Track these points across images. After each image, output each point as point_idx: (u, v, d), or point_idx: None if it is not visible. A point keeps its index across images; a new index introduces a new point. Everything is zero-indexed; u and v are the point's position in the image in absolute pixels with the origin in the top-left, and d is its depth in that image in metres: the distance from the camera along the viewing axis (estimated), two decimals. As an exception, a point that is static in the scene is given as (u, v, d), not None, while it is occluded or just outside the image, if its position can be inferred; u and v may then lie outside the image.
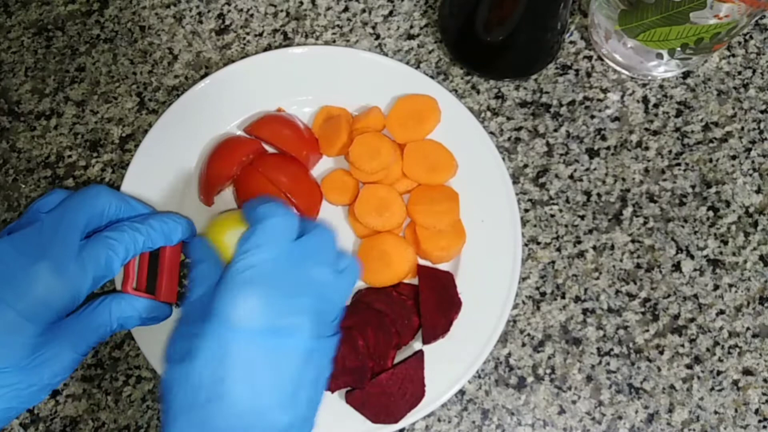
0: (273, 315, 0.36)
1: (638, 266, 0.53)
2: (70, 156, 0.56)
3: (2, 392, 0.38)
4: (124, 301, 0.44)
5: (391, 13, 0.60)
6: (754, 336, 0.51)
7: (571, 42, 0.59)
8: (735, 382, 0.51)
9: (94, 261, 0.41)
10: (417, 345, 0.49)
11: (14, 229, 0.42)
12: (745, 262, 0.53)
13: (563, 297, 0.52)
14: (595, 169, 0.55)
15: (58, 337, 0.40)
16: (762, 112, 0.57)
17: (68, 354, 0.40)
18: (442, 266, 0.51)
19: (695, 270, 0.53)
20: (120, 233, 0.43)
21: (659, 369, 0.51)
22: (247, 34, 0.59)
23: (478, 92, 0.57)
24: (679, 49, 0.51)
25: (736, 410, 0.50)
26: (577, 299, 0.52)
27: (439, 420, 0.50)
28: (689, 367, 0.51)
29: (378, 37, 0.59)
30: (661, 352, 0.51)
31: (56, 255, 0.40)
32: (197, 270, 0.40)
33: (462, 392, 0.50)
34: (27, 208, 0.44)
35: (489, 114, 0.57)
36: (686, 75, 0.58)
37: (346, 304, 0.40)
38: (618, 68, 0.57)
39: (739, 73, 0.58)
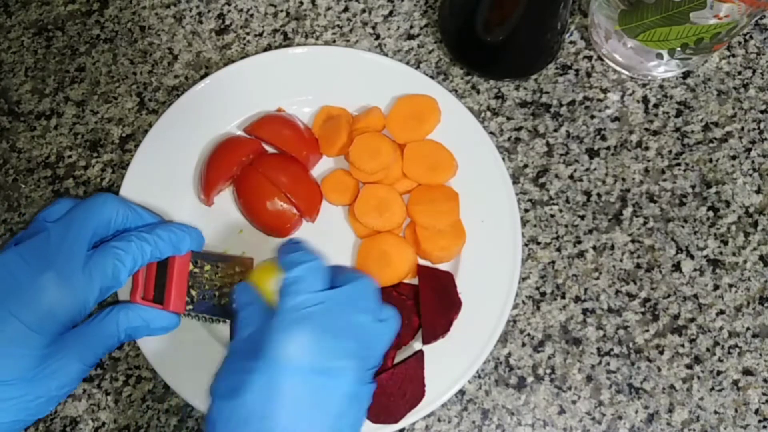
0: (321, 355, 0.37)
1: (638, 266, 0.53)
2: (70, 156, 0.56)
3: (9, 405, 0.38)
4: (131, 311, 0.44)
5: (391, 13, 0.60)
6: (754, 336, 0.51)
7: (571, 42, 0.59)
8: (735, 382, 0.51)
9: (101, 271, 0.41)
10: (417, 345, 0.49)
11: (21, 239, 0.42)
12: (745, 262, 0.53)
13: (563, 297, 0.52)
14: (595, 169, 0.55)
15: (65, 348, 0.40)
16: (762, 112, 0.57)
17: (75, 365, 0.40)
18: (442, 266, 0.51)
19: (695, 270, 0.53)
20: (127, 243, 0.43)
21: (659, 369, 0.51)
22: (247, 34, 0.59)
23: (478, 92, 0.57)
24: (679, 49, 0.51)
25: (736, 410, 0.50)
26: (577, 299, 0.52)
27: (439, 420, 0.50)
28: (689, 367, 0.51)
29: (378, 37, 0.59)
30: (661, 352, 0.51)
31: (63, 266, 0.40)
32: (245, 312, 0.40)
33: (462, 392, 0.50)
34: (34, 218, 0.44)
35: (489, 114, 0.57)
36: (686, 75, 0.58)
37: (384, 352, 0.42)
38: (618, 68, 0.57)
39: (739, 73, 0.58)
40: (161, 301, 0.45)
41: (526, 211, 0.54)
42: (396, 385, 0.47)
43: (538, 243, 0.53)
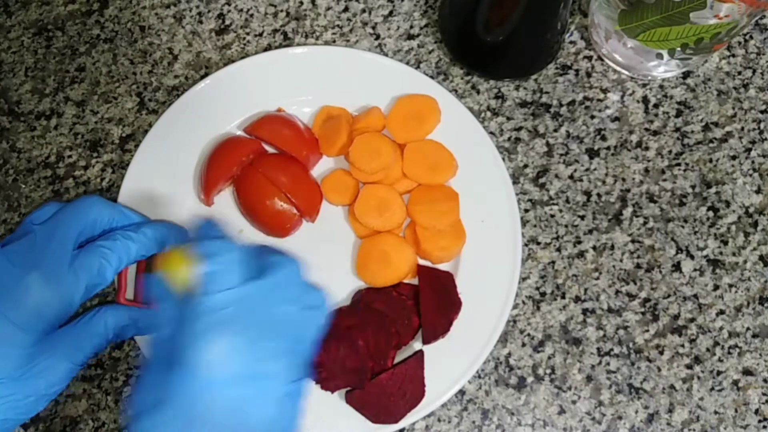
0: (244, 361, 0.34)
1: (638, 266, 0.53)
2: (70, 156, 0.56)
3: None
4: (119, 311, 0.44)
5: (391, 13, 0.60)
6: (754, 336, 0.51)
7: (571, 42, 0.59)
8: (735, 382, 0.51)
9: (87, 270, 0.41)
10: (417, 345, 0.49)
11: (8, 241, 0.43)
12: (745, 262, 0.53)
13: (563, 297, 0.52)
14: (595, 169, 0.55)
15: (54, 348, 0.40)
16: (762, 112, 0.57)
17: (64, 364, 0.40)
18: (442, 266, 0.51)
19: (695, 270, 0.53)
20: (112, 242, 0.43)
21: (659, 369, 0.51)
22: (247, 34, 0.59)
23: (478, 92, 0.57)
24: (679, 49, 0.51)
25: (736, 410, 0.50)
26: (577, 299, 0.52)
27: (439, 420, 0.50)
28: (689, 367, 0.51)
29: (378, 37, 0.59)
30: (661, 352, 0.51)
31: (49, 265, 0.40)
32: (157, 310, 0.37)
33: (462, 392, 0.50)
34: (22, 221, 0.45)
35: (489, 114, 0.57)
36: (686, 75, 0.58)
37: (316, 340, 0.38)
38: (618, 68, 0.57)
39: (739, 73, 0.58)
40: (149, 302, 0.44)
41: (526, 211, 0.54)
42: (396, 385, 0.47)
43: (538, 243, 0.53)
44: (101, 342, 0.43)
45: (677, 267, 0.53)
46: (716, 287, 0.53)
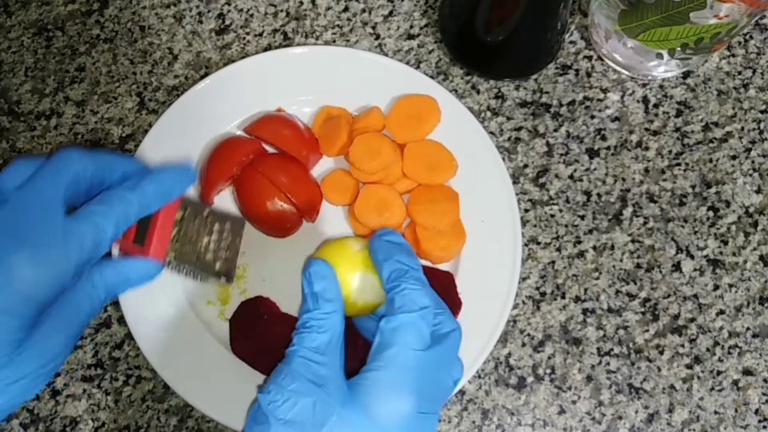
0: (412, 424, 0.34)
1: (638, 266, 0.53)
2: (70, 156, 0.56)
3: None
4: (105, 267, 0.39)
5: (391, 13, 0.60)
6: (754, 336, 0.51)
7: (571, 42, 0.59)
8: (735, 382, 0.51)
9: (79, 245, 0.35)
10: (417, 345, 0.49)
11: None
12: (745, 262, 0.53)
13: (563, 297, 0.52)
14: (595, 169, 0.55)
15: (45, 324, 0.36)
16: (762, 112, 0.57)
17: (58, 338, 0.36)
18: (442, 266, 0.51)
19: (695, 270, 0.53)
20: (108, 207, 0.37)
21: (659, 369, 0.51)
22: (247, 34, 0.59)
23: (478, 92, 0.57)
24: (679, 49, 0.51)
25: (736, 410, 0.50)
26: (577, 299, 0.52)
27: (439, 420, 0.50)
28: (689, 367, 0.51)
29: (378, 37, 0.59)
30: (661, 352, 0.51)
31: (36, 244, 0.34)
32: (320, 309, 0.37)
33: (462, 392, 0.50)
34: None
35: (489, 114, 0.57)
36: (686, 75, 0.58)
37: None
38: (618, 68, 0.57)
39: (739, 73, 0.58)
40: (141, 244, 0.41)
41: (526, 211, 0.54)
42: (396, 385, 0.47)
43: (538, 243, 0.53)
44: (94, 305, 0.38)
45: (677, 267, 0.53)
46: (716, 287, 0.53)
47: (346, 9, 0.60)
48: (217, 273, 0.44)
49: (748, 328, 0.52)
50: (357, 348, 0.47)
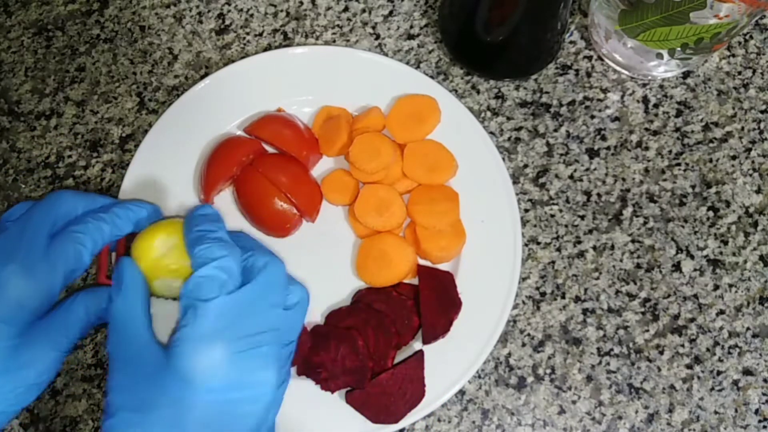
0: (236, 371, 0.35)
1: (638, 266, 0.53)
2: (70, 156, 0.56)
3: None
4: (98, 293, 0.43)
5: (391, 13, 0.60)
6: (754, 336, 0.51)
7: (571, 42, 0.59)
8: (735, 382, 0.51)
9: (63, 256, 0.41)
10: (417, 345, 0.49)
11: None
12: (745, 262, 0.53)
13: (563, 297, 0.52)
14: (595, 169, 0.55)
15: (38, 337, 0.40)
16: (762, 112, 0.57)
17: (50, 353, 0.40)
18: (442, 266, 0.51)
19: (695, 270, 0.53)
20: (84, 225, 0.42)
21: (659, 369, 0.51)
22: (247, 34, 0.59)
23: (478, 92, 0.57)
24: (679, 49, 0.51)
25: (736, 410, 0.50)
26: (577, 299, 0.52)
27: (439, 420, 0.50)
28: (689, 367, 0.51)
29: (378, 37, 0.59)
30: (661, 352, 0.51)
31: (24, 256, 0.40)
32: (123, 299, 0.39)
33: (462, 392, 0.50)
34: None
35: (489, 114, 0.57)
36: (686, 75, 0.58)
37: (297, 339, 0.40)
38: (618, 68, 0.57)
39: (739, 73, 0.58)
40: None
41: (526, 211, 0.54)
42: (396, 385, 0.47)
43: (538, 243, 0.53)
44: (84, 326, 0.43)
45: (677, 267, 0.53)
46: (716, 287, 0.53)
47: (346, 9, 0.60)
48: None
49: (748, 328, 0.52)
50: (357, 348, 0.47)
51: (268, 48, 0.59)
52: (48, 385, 0.41)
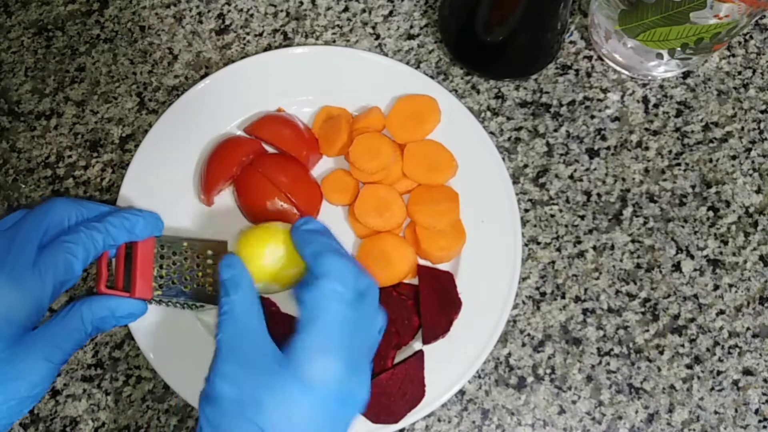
0: (348, 383, 0.36)
1: (638, 266, 0.53)
2: (70, 156, 0.56)
3: None
4: (95, 302, 0.43)
5: (391, 13, 0.60)
6: (754, 336, 0.51)
7: (571, 42, 0.59)
8: (735, 382, 0.51)
9: (52, 267, 0.40)
10: (417, 345, 0.49)
11: None
12: (745, 262, 0.53)
13: (563, 297, 0.52)
14: (595, 169, 0.55)
15: (30, 349, 0.39)
16: (762, 112, 0.57)
17: (43, 364, 0.39)
18: (442, 266, 0.51)
19: (695, 270, 0.53)
20: (76, 235, 0.42)
21: (659, 369, 0.51)
22: (247, 34, 0.59)
23: (478, 92, 0.57)
24: (679, 49, 0.51)
25: (736, 410, 0.50)
26: (577, 299, 0.52)
27: (439, 420, 0.50)
28: (689, 367, 0.51)
29: (378, 37, 0.59)
30: (661, 352, 0.51)
31: (11, 267, 0.39)
32: (242, 294, 0.39)
33: (462, 392, 0.50)
34: None
35: (489, 114, 0.57)
36: (686, 75, 0.58)
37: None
38: (618, 68, 0.57)
39: (739, 73, 0.58)
40: (128, 289, 0.44)
41: (526, 211, 0.54)
42: (396, 385, 0.47)
43: (538, 243, 0.53)
44: (80, 337, 0.42)
45: (677, 267, 0.53)
46: (716, 287, 0.53)
47: (346, 9, 0.60)
48: (209, 297, 0.45)
49: (748, 328, 0.52)
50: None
51: (268, 48, 0.59)
52: (42, 396, 0.41)
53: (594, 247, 0.53)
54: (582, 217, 0.54)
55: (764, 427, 0.50)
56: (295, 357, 0.36)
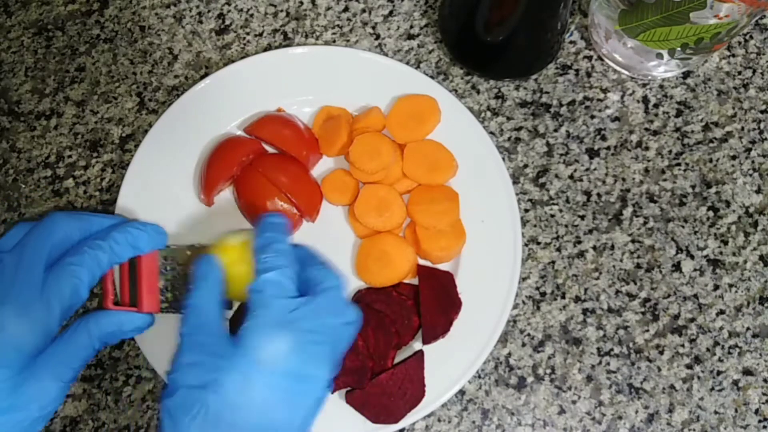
0: (297, 360, 0.37)
1: (638, 266, 0.53)
2: (70, 156, 0.56)
3: None
4: (102, 319, 0.43)
5: (391, 13, 0.60)
6: (754, 336, 0.51)
7: (571, 42, 0.59)
8: (735, 382, 0.51)
9: (59, 294, 0.40)
10: (417, 345, 0.49)
11: None
12: (745, 262, 0.53)
13: (563, 297, 0.52)
14: (595, 169, 0.55)
15: (39, 372, 0.39)
16: (762, 112, 0.57)
17: (53, 384, 0.40)
18: (442, 266, 0.51)
19: (695, 270, 0.53)
20: (80, 257, 0.42)
21: (659, 369, 0.51)
22: (247, 34, 0.59)
23: (478, 92, 0.57)
24: (679, 49, 0.51)
25: (736, 410, 0.50)
26: (577, 299, 0.52)
27: (439, 420, 0.50)
28: (689, 367, 0.51)
29: (378, 37, 0.59)
30: (661, 352, 0.51)
31: (18, 297, 0.39)
32: (206, 290, 0.40)
33: (462, 392, 0.50)
34: (22, 221, 0.43)
35: (489, 114, 0.57)
36: (686, 75, 0.58)
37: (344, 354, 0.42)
38: (618, 68, 0.57)
39: (739, 73, 0.58)
40: (135, 303, 0.44)
41: (526, 211, 0.54)
42: (396, 385, 0.47)
43: (538, 243, 0.53)
44: (88, 353, 0.42)
45: (677, 267, 0.53)
46: (716, 287, 0.53)
47: (346, 9, 0.60)
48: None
49: (748, 328, 0.52)
50: (357, 348, 0.47)
51: (268, 48, 0.59)
52: (54, 412, 0.41)
53: (594, 247, 0.53)
54: (582, 217, 0.54)
55: (764, 427, 0.50)
56: (243, 336, 0.37)
